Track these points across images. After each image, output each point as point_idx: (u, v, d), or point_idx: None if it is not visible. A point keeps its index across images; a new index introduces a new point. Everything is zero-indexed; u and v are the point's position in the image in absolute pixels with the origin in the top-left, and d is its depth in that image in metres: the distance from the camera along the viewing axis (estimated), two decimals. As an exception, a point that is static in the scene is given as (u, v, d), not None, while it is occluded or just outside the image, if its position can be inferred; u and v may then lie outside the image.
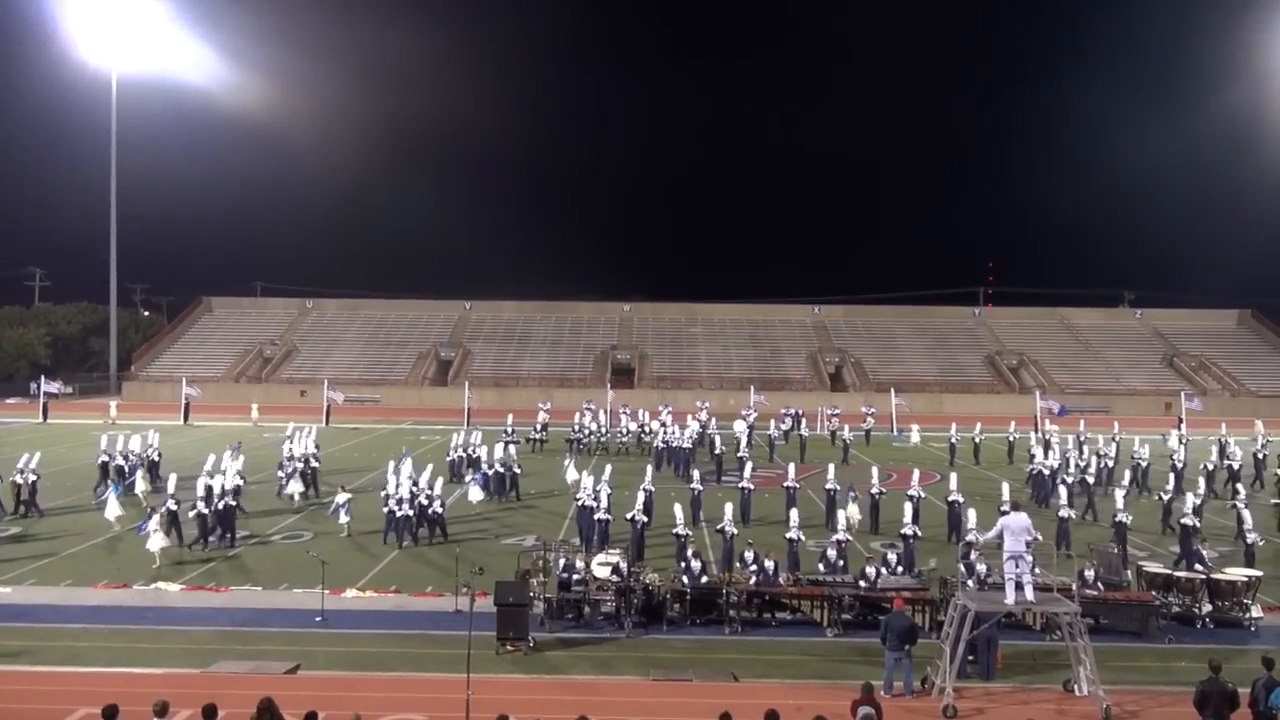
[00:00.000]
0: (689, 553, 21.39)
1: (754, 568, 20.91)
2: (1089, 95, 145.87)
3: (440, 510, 28.21)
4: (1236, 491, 30.07)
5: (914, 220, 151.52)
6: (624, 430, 49.88)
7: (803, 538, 23.60)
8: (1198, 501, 27.44)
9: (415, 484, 28.33)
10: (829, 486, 30.15)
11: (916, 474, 30.18)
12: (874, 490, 29.62)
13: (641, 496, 26.90)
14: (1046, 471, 35.17)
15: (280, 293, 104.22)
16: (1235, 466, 37.26)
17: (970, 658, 17.35)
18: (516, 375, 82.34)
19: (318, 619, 20.40)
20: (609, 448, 47.82)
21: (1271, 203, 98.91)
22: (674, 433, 43.12)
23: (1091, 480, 34.02)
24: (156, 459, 36.98)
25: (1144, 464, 38.11)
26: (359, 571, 24.39)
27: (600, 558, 21.77)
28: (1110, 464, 37.81)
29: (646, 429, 48.95)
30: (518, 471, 35.32)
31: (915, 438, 47.97)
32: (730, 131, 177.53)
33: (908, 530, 24.60)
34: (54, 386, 63.37)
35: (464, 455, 38.80)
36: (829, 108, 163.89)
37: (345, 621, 20.44)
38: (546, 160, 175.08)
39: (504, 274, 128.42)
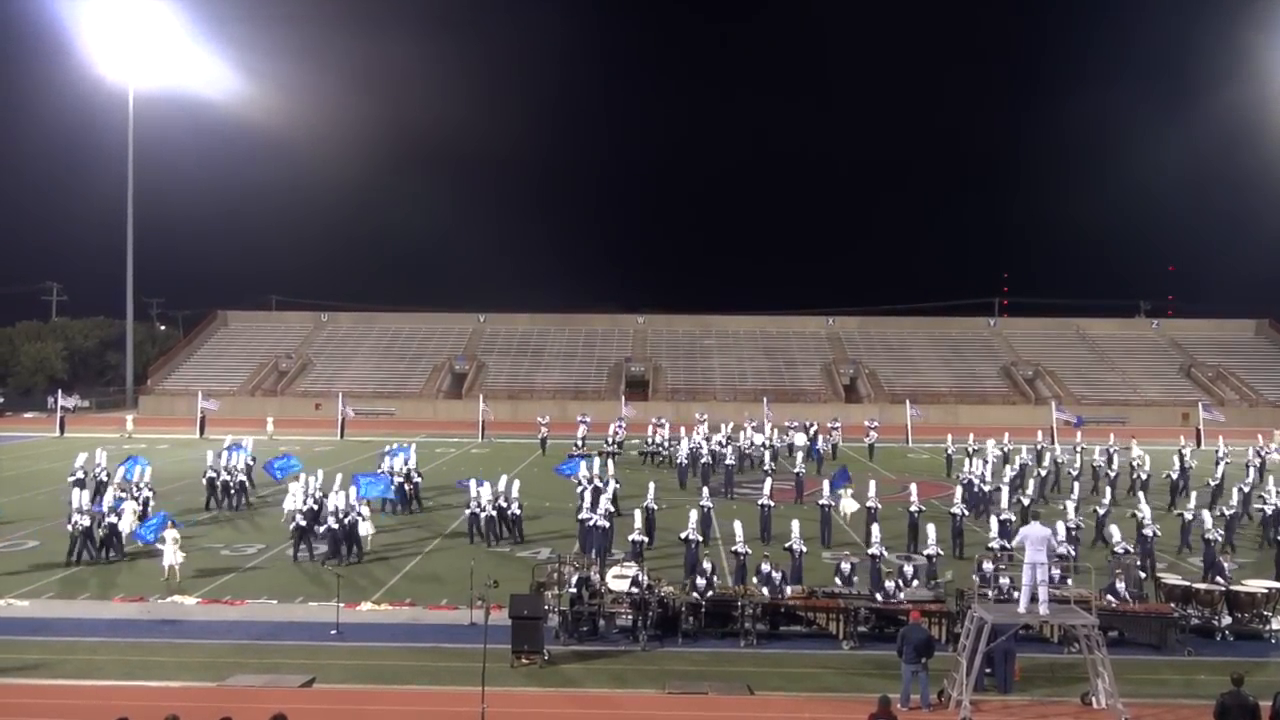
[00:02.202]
0: (706, 565, 21.29)
1: (777, 576, 20.82)
2: (1103, 105, 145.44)
3: (519, 512, 29.65)
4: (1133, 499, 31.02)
5: (928, 231, 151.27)
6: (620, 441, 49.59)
7: (885, 553, 23.15)
8: (1102, 512, 28.41)
9: (495, 488, 30.17)
10: (870, 504, 29.56)
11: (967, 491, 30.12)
12: (913, 508, 28.93)
13: (694, 515, 25.44)
14: (977, 480, 34.97)
15: (295, 306, 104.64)
16: (1144, 476, 37.88)
17: (987, 670, 17.24)
18: (531, 388, 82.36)
19: (333, 632, 20.43)
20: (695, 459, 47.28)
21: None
22: (715, 445, 42.56)
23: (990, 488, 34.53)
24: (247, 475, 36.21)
25: (1073, 472, 38.51)
26: (374, 585, 24.43)
27: (615, 570, 21.73)
28: (1043, 474, 38.23)
29: (664, 441, 48.70)
30: (618, 486, 33.88)
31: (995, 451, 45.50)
32: (743, 142, 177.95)
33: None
34: (68, 402, 63.66)
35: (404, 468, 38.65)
36: (843, 119, 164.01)
37: (360, 635, 20.45)
38: (559, 172, 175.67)
39: (518, 286, 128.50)
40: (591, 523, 26.88)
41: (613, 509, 27.43)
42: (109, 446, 40.24)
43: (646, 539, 26.00)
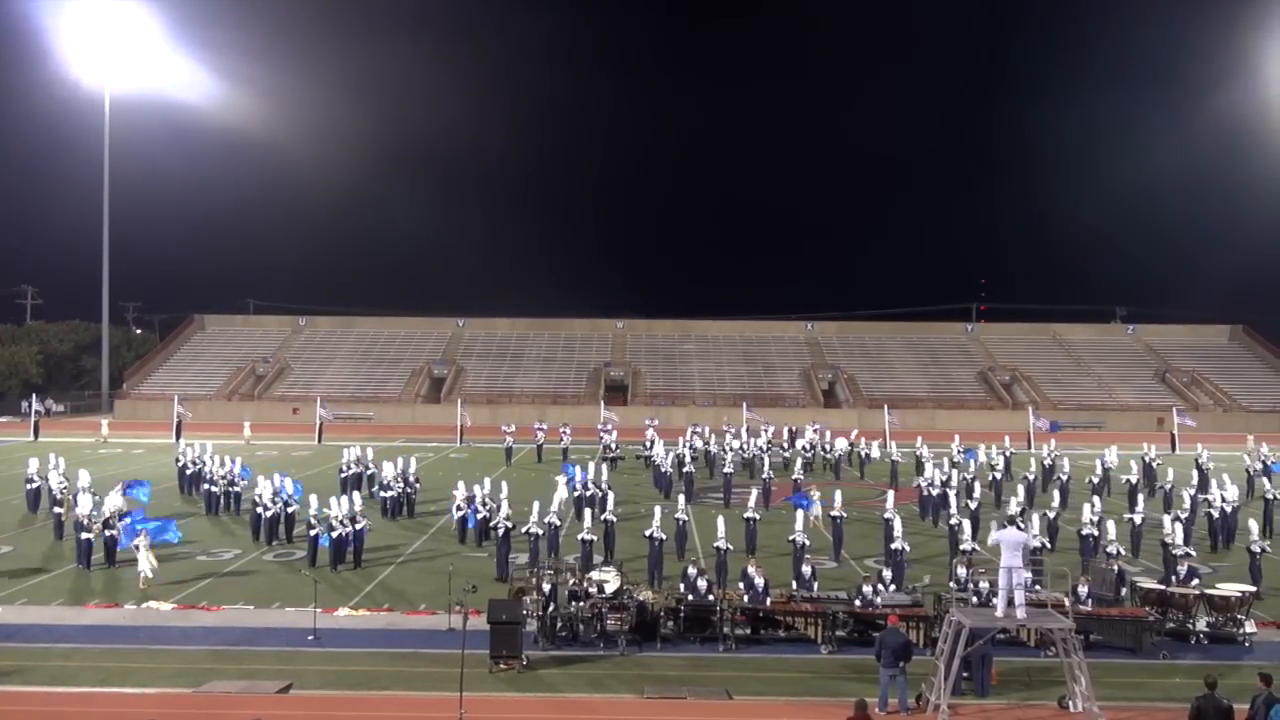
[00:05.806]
0: (690, 570, 21.24)
1: (760, 583, 20.83)
2: (1081, 111, 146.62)
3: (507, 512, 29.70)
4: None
5: (906, 236, 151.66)
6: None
7: (908, 548, 23.66)
8: (1051, 515, 28.58)
9: (483, 492, 30.17)
10: (887, 515, 29.37)
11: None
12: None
13: (658, 512, 25.63)
14: (925, 484, 35.16)
15: (273, 310, 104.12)
16: (1063, 478, 37.36)
17: (965, 674, 17.32)
18: (509, 392, 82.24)
19: (310, 638, 20.30)
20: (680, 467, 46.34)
21: (1263, 217, 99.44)
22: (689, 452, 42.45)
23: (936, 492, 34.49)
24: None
25: (998, 476, 38.92)
26: (352, 590, 24.30)
27: (593, 575, 21.68)
28: (968, 477, 37.88)
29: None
30: (607, 492, 32.15)
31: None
32: (723, 148, 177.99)
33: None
34: (39, 406, 63.09)
35: (358, 472, 38.44)
36: (821, 125, 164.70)
37: (338, 640, 20.33)
38: (540, 178, 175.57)
39: (497, 291, 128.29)
40: (525, 530, 26.09)
41: (558, 523, 27.17)
42: (84, 451, 39.83)
43: (595, 538, 25.68)
